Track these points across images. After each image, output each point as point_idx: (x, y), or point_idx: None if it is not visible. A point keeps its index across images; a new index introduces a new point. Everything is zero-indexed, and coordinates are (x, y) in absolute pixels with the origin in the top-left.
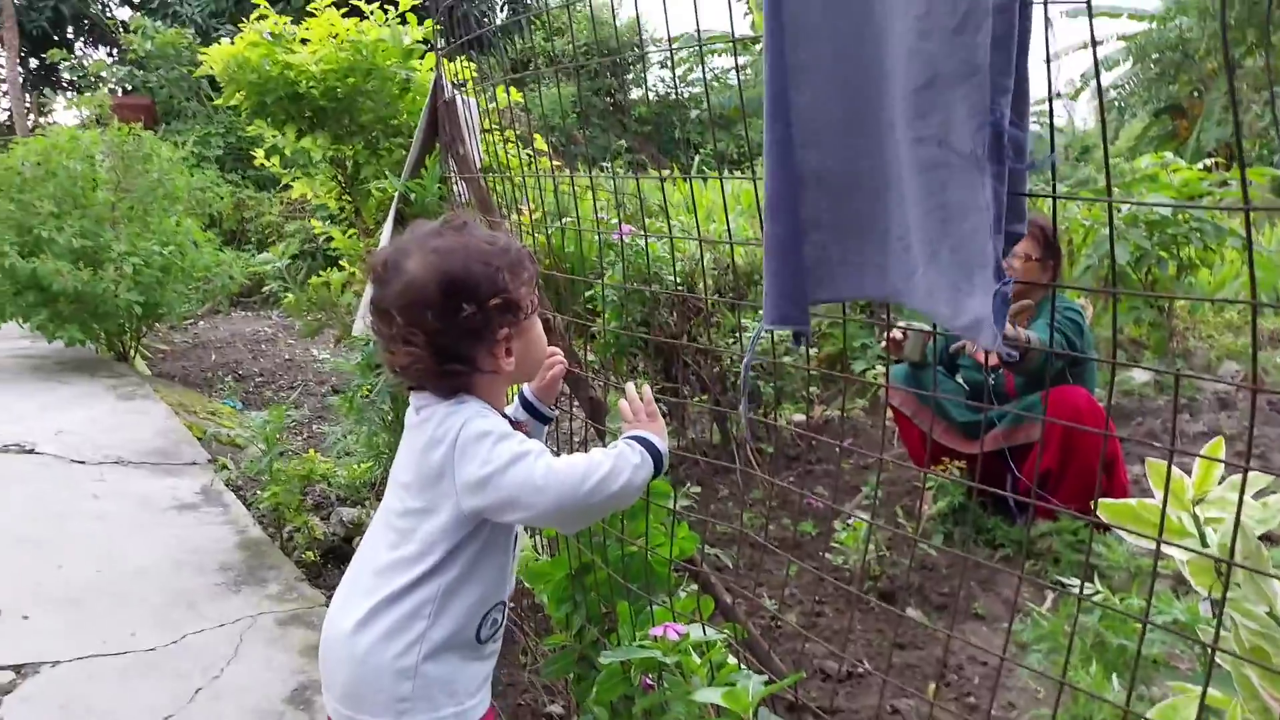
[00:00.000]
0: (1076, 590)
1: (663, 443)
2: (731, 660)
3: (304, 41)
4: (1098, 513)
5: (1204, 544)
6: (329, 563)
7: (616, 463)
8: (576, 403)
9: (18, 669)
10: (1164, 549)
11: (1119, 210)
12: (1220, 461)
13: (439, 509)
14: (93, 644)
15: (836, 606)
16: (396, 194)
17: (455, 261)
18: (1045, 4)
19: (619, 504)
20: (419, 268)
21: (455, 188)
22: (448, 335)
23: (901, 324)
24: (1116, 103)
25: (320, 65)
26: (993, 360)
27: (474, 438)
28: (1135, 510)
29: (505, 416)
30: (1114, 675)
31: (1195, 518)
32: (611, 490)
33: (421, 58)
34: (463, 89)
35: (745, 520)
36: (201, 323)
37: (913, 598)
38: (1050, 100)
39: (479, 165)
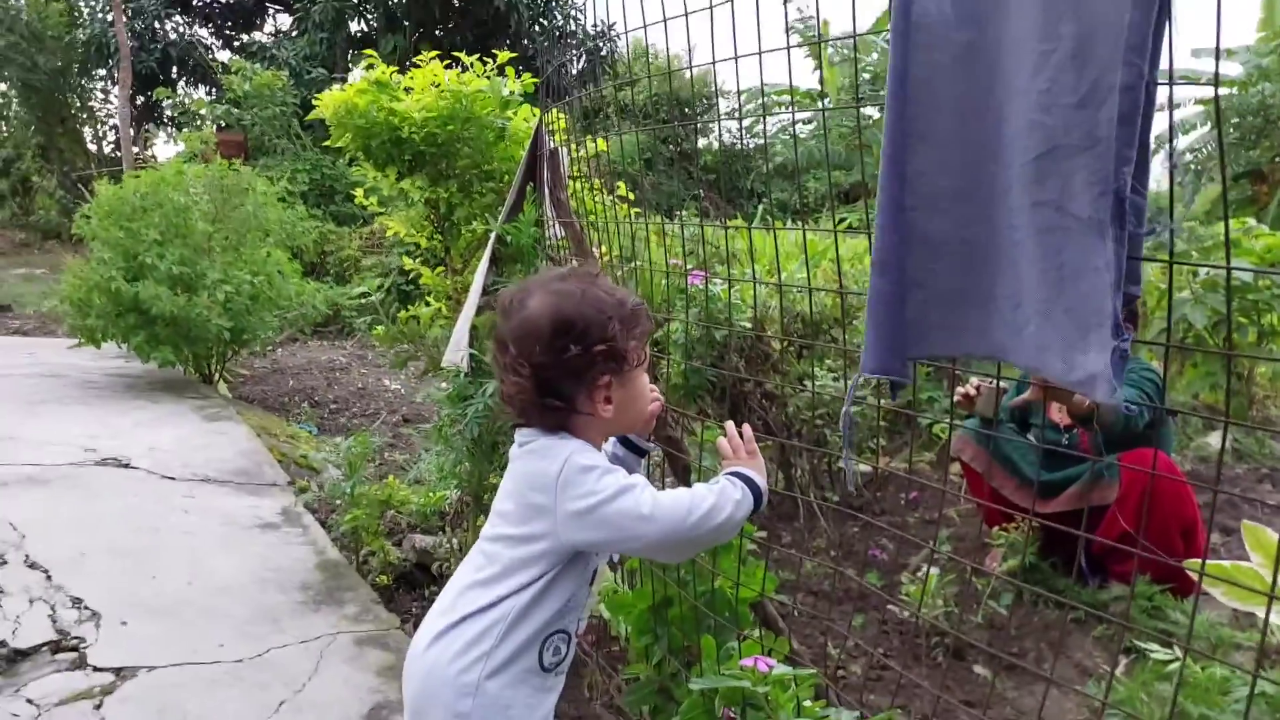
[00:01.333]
0: (1154, 654)
1: (763, 480)
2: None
3: (407, 90)
4: (1187, 572)
5: None
6: (401, 588)
7: (719, 498)
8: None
9: (118, 671)
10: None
11: (1195, 275)
12: None
13: (534, 539)
14: (185, 652)
15: (903, 661)
16: (493, 235)
17: (570, 304)
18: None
19: (720, 538)
20: (537, 305)
21: (549, 231)
22: (550, 371)
23: (975, 379)
24: (1193, 166)
25: (422, 113)
26: (1064, 420)
27: (578, 471)
28: (1230, 572)
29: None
30: None
31: None
32: (715, 523)
33: (517, 109)
34: (552, 138)
35: (808, 569)
36: (280, 350)
37: (980, 655)
38: (1171, 168)
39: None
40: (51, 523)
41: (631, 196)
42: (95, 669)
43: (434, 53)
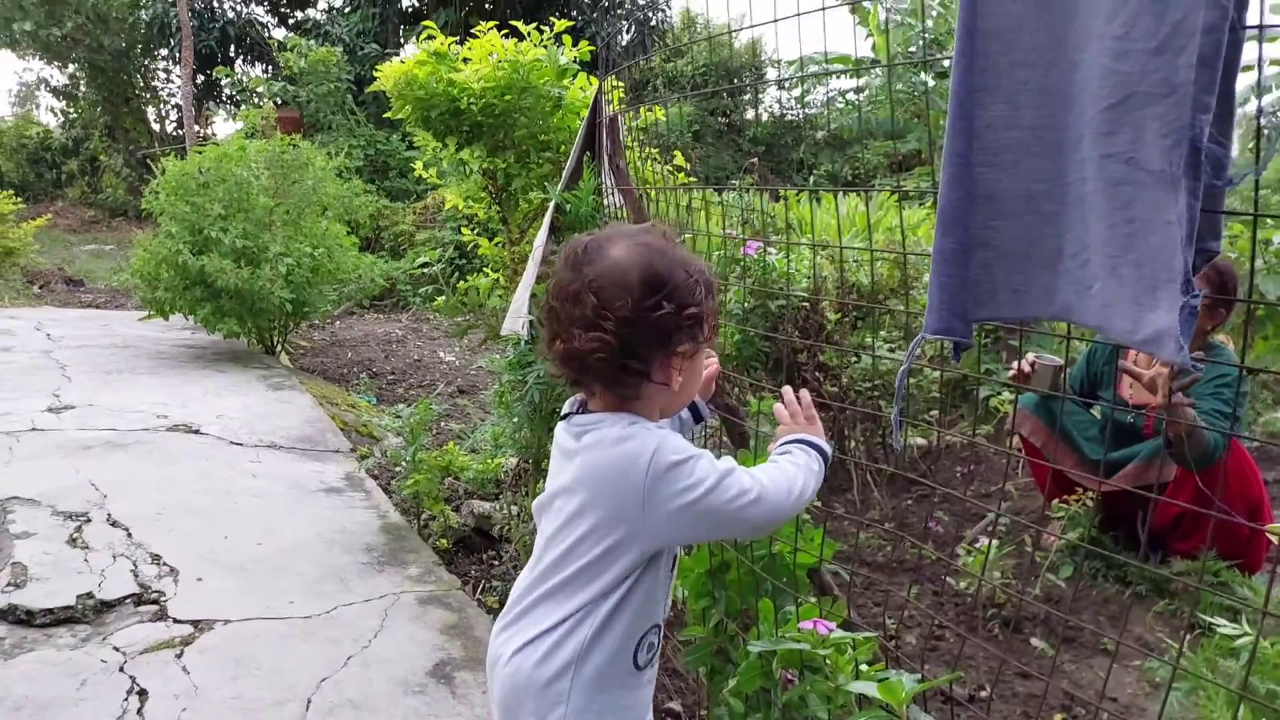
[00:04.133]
0: (1219, 630)
1: (827, 446)
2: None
3: (465, 61)
4: (1255, 548)
5: None
6: (460, 551)
7: (808, 472)
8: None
9: (196, 624)
10: None
11: (1268, 245)
12: None
13: (616, 542)
14: (257, 607)
15: (957, 632)
16: (552, 204)
17: (664, 260)
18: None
19: (802, 509)
20: (626, 254)
21: (608, 199)
22: (636, 329)
23: (1031, 355)
24: (1267, 132)
25: (480, 83)
26: (1135, 398)
27: (669, 467)
28: None
29: None
30: None
31: None
32: (806, 497)
33: (573, 77)
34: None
35: (862, 540)
36: (338, 323)
37: (1038, 629)
38: (1259, 117)
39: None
40: (130, 484)
41: (687, 166)
42: (175, 621)
43: (491, 23)
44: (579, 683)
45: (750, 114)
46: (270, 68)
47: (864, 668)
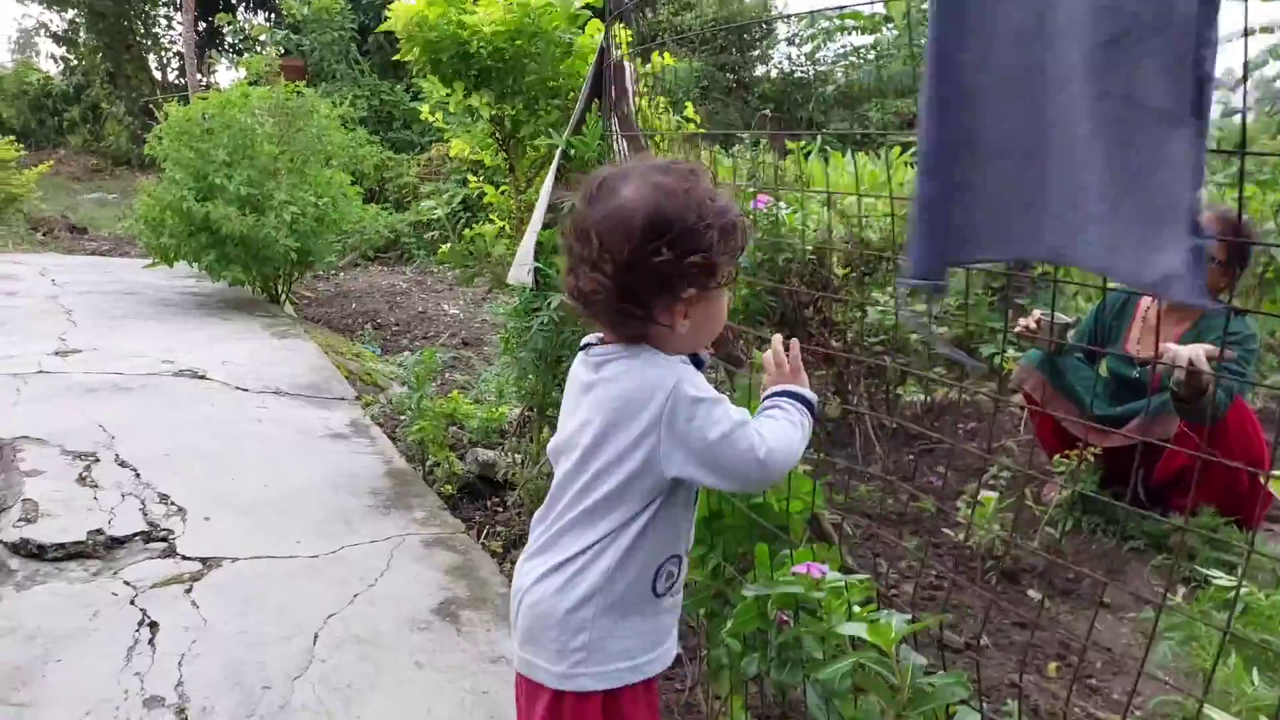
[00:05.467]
0: (1216, 581)
1: (813, 396)
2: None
3: (476, 2)
4: (1253, 504)
5: None
6: (465, 497)
7: (802, 430)
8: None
9: (204, 561)
10: None
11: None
12: None
13: (634, 473)
14: (265, 547)
15: (955, 582)
16: (559, 150)
17: (672, 203)
18: None
19: (797, 462)
20: (634, 195)
21: (615, 145)
22: (636, 274)
23: (1037, 312)
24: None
25: (491, 26)
26: (1140, 353)
27: (689, 402)
28: None
29: None
30: (1254, 670)
31: None
32: (802, 451)
33: (584, 25)
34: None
35: (862, 492)
36: (342, 274)
37: (1035, 580)
38: (1245, 36)
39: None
40: (137, 426)
41: (697, 118)
42: (184, 558)
43: None
44: (602, 610)
45: (759, 70)
46: (273, 15)
47: (856, 609)
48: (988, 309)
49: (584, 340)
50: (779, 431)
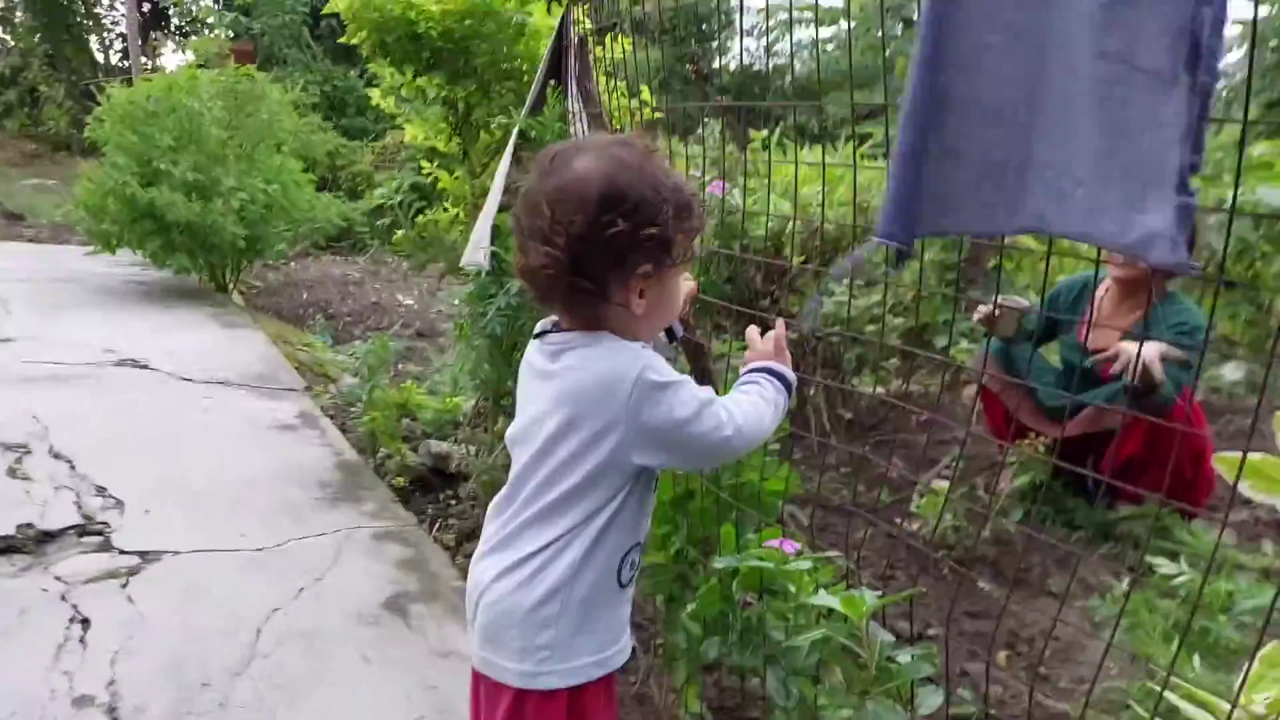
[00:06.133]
0: (1160, 570)
1: (793, 376)
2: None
3: None
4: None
5: None
6: (416, 490)
7: (774, 407)
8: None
9: (143, 555)
10: None
11: (1223, 200)
12: None
13: (599, 464)
14: (207, 540)
15: (909, 572)
16: (516, 130)
17: (627, 175)
18: None
19: (768, 438)
20: (589, 167)
21: (575, 127)
22: (589, 246)
23: (1001, 299)
24: (1224, 94)
25: (439, 5)
26: (1095, 345)
27: (652, 388)
28: (1259, 466)
29: None
30: (1195, 656)
31: None
32: (773, 428)
33: (534, 5)
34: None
35: (819, 484)
36: (293, 263)
37: (986, 570)
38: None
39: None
40: (74, 417)
41: (654, 102)
42: (121, 551)
43: None
44: (569, 605)
45: (718, 62)
46: None
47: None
48: (940, 300)
49: (539, 326)
50: (748, 408)
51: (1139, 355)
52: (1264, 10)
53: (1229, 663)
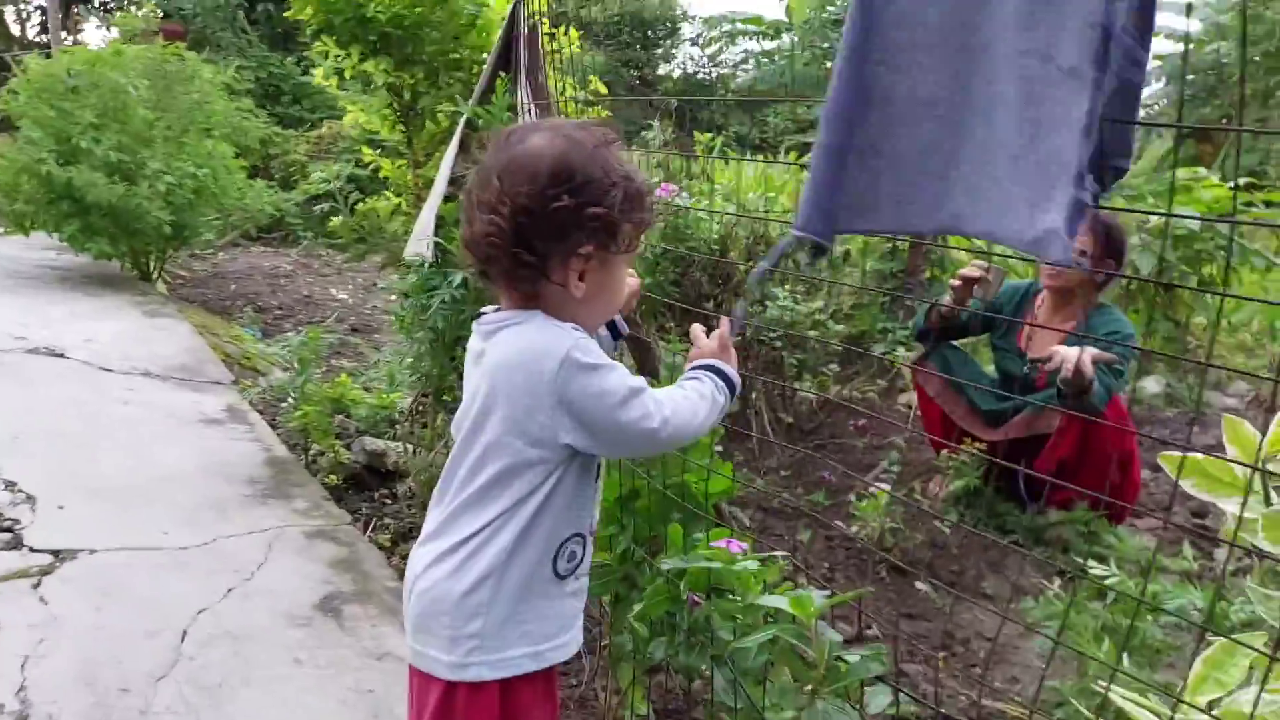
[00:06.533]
0: (1091, 573)
1: (737, 376)
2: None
3: None
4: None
5: (1268, 502)
6: (351, 488)
7: (712, 404)
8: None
9: (56, 553)
10: (1229, 504)
11: (1145, 221)
12: None
13: (527, 444)
14: (127, 537)
15: (847, 574)
16: (463, 119)
17: (579, 153)
18: None
19: (703, 435)
20: (542, 143)
21: (524, 117)
22: (532, 217)
23: (984, 263)
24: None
25: None
26: (1032, 351)
27: (582, 368)
28: (1202, 465)
29: None
30: (1125, 655)
31: (1265, 473)
32: (708, 426)
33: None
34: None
35: (759, 486)
36: (221, 253)
37: (923, 573)
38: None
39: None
40: None
41: (604, 90)
42: (32, 550)
43: None
44: (500, 592)
45: (663, 70)
46: None
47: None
48: (879, 309)
49: (479, 310)
50: (683, 403)
51: (1077, 359)
52: (1177, 46)
53: (1154, 662)
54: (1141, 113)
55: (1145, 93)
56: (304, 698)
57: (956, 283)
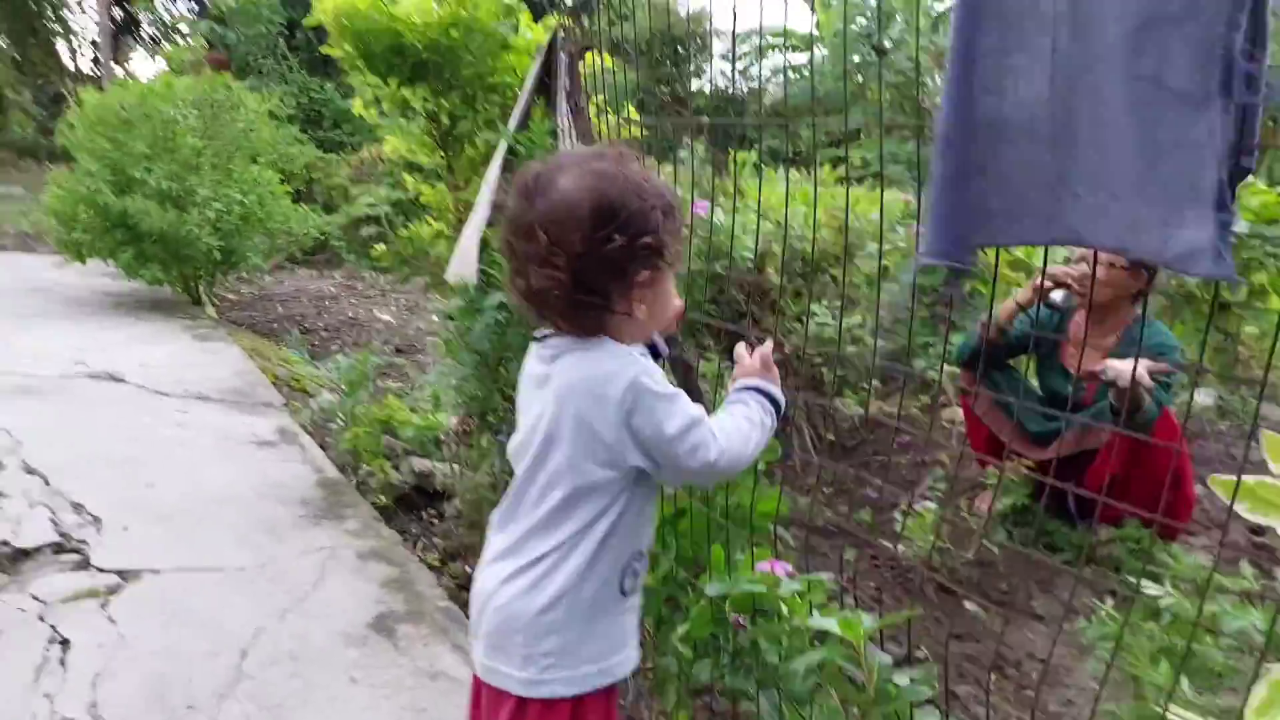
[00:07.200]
0: (1143, 593)
1: (781, 396)
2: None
3: None
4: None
5: None
6: (399, 508)
7: (761, 429)
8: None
9: (122, 573)
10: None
11: None
12: None
13: (599, 463)
14: (188, 558)
15: (894, 594)
16: (504, 145)
17: (613, 188)
18: None
19: (752, 462)
20: (574, 186)
21: (564, 142)
22: (591, 263)
23: (1059, 267)
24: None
25: (422, 16)
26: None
27: (647, 394)
28: (1251, 488)
29: None
30: (1183, 678)
31: None
32: (760, 448)
33: (517, 18)
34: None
35: (801, 505)
36: (267, 277)
37: (971, 592)
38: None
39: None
40: (47, 431)
41: (636, 116)
42: (99, 570)
43: None
44: (575, 611)
45: (695, 86)
46: (196, 5)
47: (817, 611)
48: (921, 324)
49: (537, 332)
50: (736, 431)
51: (1135, 370)
52: None
53: (1214, 685)
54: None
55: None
56: (362, 716)
57: (1025, 295)
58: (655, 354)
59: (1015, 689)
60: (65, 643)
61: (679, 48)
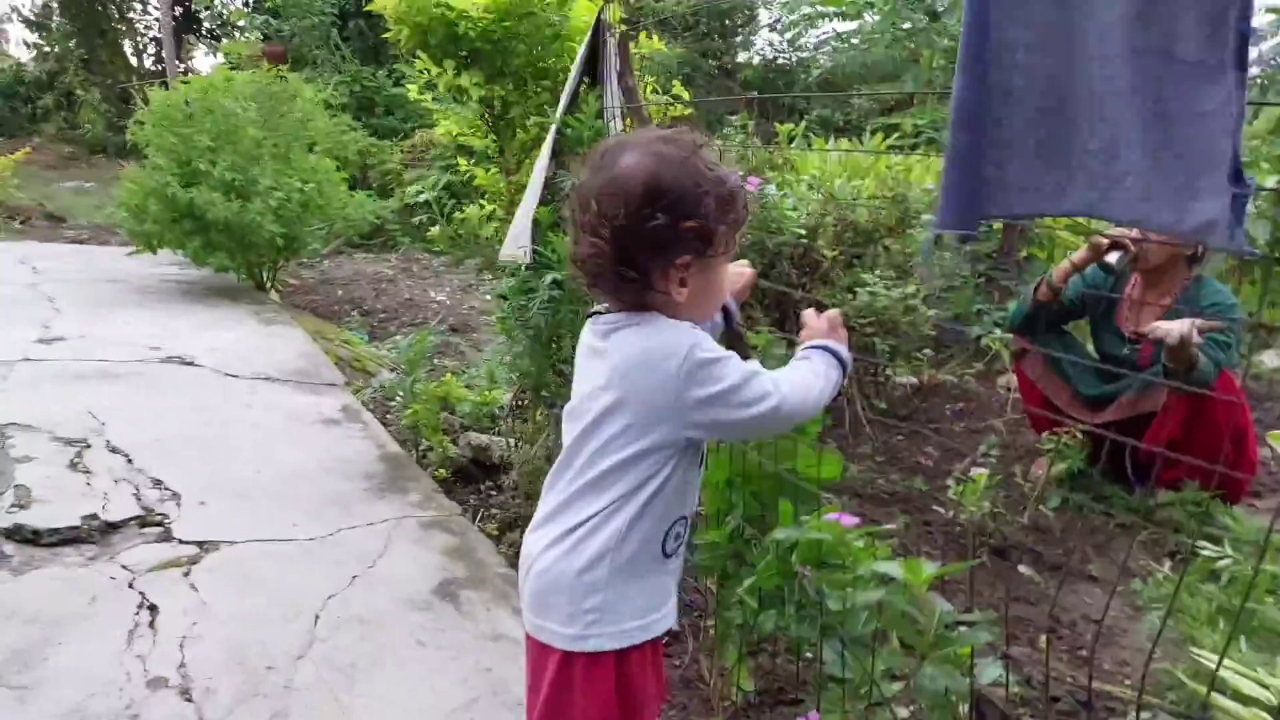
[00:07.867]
0: (1200, 553)
1: (848, 355)
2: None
3: None
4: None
5: None
6: (458, 481)
7: (825, 380)
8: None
9: (201, 545)
10: None
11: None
12: None
13: (648, 435)
14: (261, 530)
15: (947, 559)
16: (554, 128)
17: (669, 170)
18: None
19: (819, 412)
20: (633, 163)
21: (614, 123)
22: (631, 238)
23: (1110, 232)
24: (1260, 81)
25: (478, 7)
26: (1131, 331)
27: (701, 364)
28: None
29: None
30: (1242, 638)
31: None
32: (822, 403)
33: (571, 6)
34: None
35: (853, 473)
36: (326, 261)
37: (1025, 556)
38: None
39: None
40: (126, 412)
41: (687, 95)
42: (180, 541)
43: None
44: (615, 570)
45: (742, 57)
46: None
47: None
48: (973, 291)
49: (592, 309)
50: (798, 379)
51: (1180, 329)
52: None
53: (1275, 645)
54: (1254, 70)
55: (1263, 47)
56: (429, 677)
57: (1081, 256)
58: (729, 321)
59: (1069, 649)
60: (154, 608)
61: (726, 20)
